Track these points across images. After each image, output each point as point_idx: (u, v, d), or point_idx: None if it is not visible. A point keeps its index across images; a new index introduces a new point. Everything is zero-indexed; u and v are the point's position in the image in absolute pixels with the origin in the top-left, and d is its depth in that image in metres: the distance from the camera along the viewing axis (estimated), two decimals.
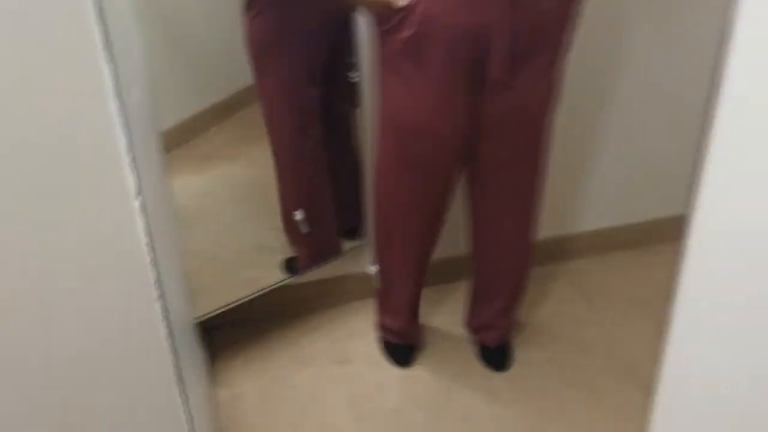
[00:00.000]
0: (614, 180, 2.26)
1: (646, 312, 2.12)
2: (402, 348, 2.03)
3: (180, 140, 2.07)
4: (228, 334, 2.09)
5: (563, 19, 1.54)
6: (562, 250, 2.30)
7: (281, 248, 2.15)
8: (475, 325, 2.02)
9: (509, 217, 1.80)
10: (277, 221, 2.12)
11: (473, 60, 1.49)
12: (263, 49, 1.89)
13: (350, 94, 1.92)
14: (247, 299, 2.03)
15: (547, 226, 2.24)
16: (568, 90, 1.71)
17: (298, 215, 2.04)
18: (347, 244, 2.14)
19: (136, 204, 0.92)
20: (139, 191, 0.92)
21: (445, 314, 2.12)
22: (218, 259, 2.12)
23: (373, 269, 2.00)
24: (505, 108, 1.58)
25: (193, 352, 1.56)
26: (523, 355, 2.00)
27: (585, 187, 2.24)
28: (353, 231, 2.14)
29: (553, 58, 1.58)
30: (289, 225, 2.08)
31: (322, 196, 2.10)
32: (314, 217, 2.07)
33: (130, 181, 0.90)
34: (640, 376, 1.90)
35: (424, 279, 1.97)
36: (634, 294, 2.19)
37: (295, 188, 2.06)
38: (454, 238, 2.01)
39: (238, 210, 2.23)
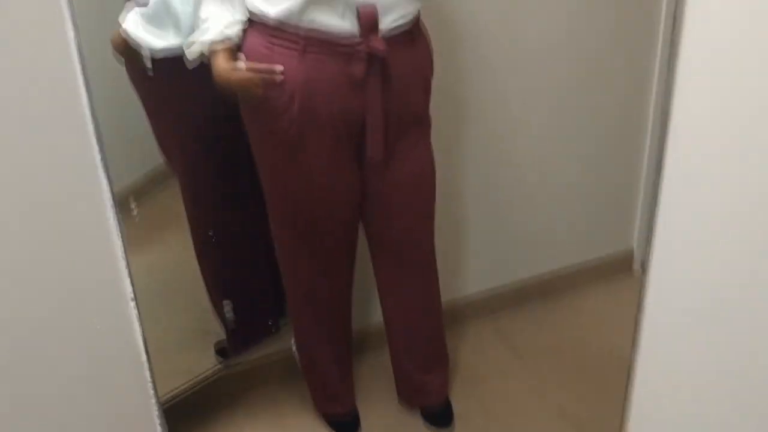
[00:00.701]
0: (523, 236, 2.41)
1: (566, 358, 2.26)
2: (345, 420, 2.06)
3: None
4: (167, 424, 2.05)
5: (423, 98, 1.70)
6: (485, 304, 2.41)
7: (212, 330, 2.14)
8: (407, 390, 2.07)
9: (409, 284, 1.90)
10: (204, 304, 2.12)
11: (352, 142, 1.62)
12: (168, 145, 1.93)
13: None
14: (183, 387, 2.00)
15: (469, 284, 2.37)
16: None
17: (226, 306, 2.06)
18: (283, 320, 2.16)
19: (132, 306, 0.94)
20: (134, 295, 0.94)
21: (385, 378, 2.16)
22: (150, 349, 2.08)
23: (294, 345, 2.04)
24: (387, 183, 1.71)
25: None
26: (461, 410, 2.07)
27: (498, 244, 2.38)
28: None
29: (422, 133, 1.73)
30: (220, 313, 2.09)
31: (249, 283, 2.12)
32: (242, 306, 2.09)
33: (127, 286, 0.93)
34: (574, 421, 2.01)
35: (346, 347, 2.02)
36: (552, 341, 2.33)
37: (219, 280, 2.08)
38: None
39: (160, 297, 2.20)
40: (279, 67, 1.52)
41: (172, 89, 1.83)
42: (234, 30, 1.55)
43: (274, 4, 1.50)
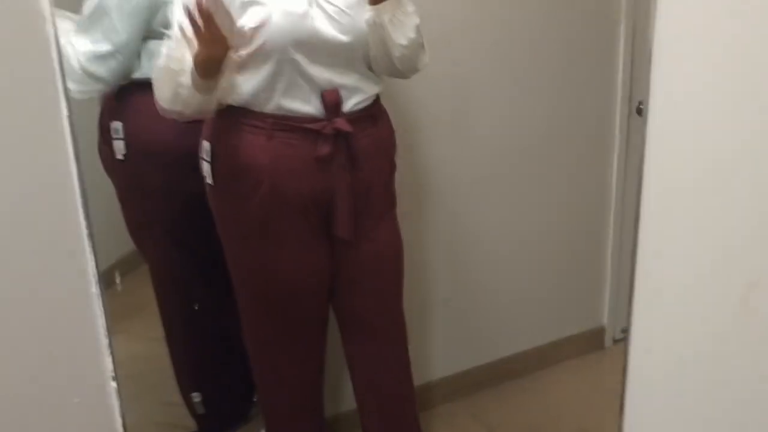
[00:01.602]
0: (494, 317, 2.42)
1: None
2: None
3: None
4: None
5: (388, 175, 1.74)
6: (459, 386, 2.39)
7: (181, 422, 2.08)
8: None
9: (380, 361, 1.88)
10: (173, 395, 2.07)
11: (320, 222, 1.64)
12: (138, 232, 1.92)
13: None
14: None
15: (442, 367, 2.36)
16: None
17: (196, 398, 2.01)
18: (254, 408, 2.11)
19: (113, 386, 0.92)
20: (115, 374, 0.92)
21: None
22: None
23: None
24: (356, 260, 1.72)
25: None
26: None
27: (469, 326, 2.38)
28: None
29: (388, 210, 1.76)
30: (189, 404, 2.04)
31: (219, 375, 2.08)
32: (213, 395, 2.04)
33: (108, 363, 0.91)
34: None
35: None
36: (528, 420, 2.30)
37: (190, 371, 2.04)
38: None
39: (128, 387, 2.14)
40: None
41: (143, 176, 1.83)
42: None
43: (238, 92, 1.54)
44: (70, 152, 0.84)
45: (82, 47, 1.64)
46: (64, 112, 0.85)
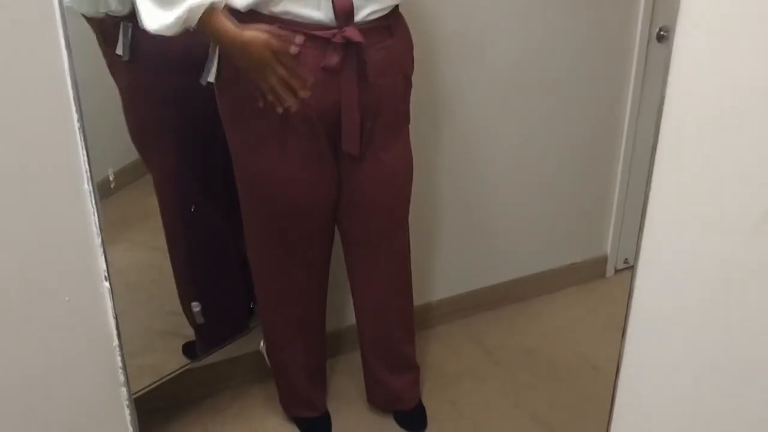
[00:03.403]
0: (498, 241, 2.41)
1: (539, 360, 2.25)
2: (315, 422, 2.02)
3: None
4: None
5: (402, 92, 1.68)
6: (458, 308, 2.40)
7: (180, 331, 2.09)
8: (379, 394, 2.04)
9: (382, 281, 1.88)
10: (173, 305, 2.07)
11: (328, 135, 1.60)
12: (142, 138, 1.88)
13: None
14: (150, 387, 1.95)
15: (443, 288, 2.36)
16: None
17: (195, 307, 2.01)
18: (253, 321, 2.12)
19: (106, 286, 0.90)
20: (108, 274, 0.90)
21: (359, 379, 2.12)
22: None
23: (262, 347, 2.00)
24: (364, 178, 1.69)
25: None
26: (434, 412, 2.04)
27: (472, 249, 2.37)
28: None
29: (400, 129, 1.71)
30: (188, 313, 2.05)
31: (219, 285, 2.07)
32: (212, 306, 2.04)
33: (101, 263, 0.89)
34: (546, 422, 2.00)
35: (319, 350, 1.99)
36: (526, 345, 2.32)
37: (190, 280, 2.04)
38: None
39: (129, 296, 2.15)
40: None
41: (149, 79, 1.78)
42: None
43: None
44: (61, 43, 0.80)
45: None
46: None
